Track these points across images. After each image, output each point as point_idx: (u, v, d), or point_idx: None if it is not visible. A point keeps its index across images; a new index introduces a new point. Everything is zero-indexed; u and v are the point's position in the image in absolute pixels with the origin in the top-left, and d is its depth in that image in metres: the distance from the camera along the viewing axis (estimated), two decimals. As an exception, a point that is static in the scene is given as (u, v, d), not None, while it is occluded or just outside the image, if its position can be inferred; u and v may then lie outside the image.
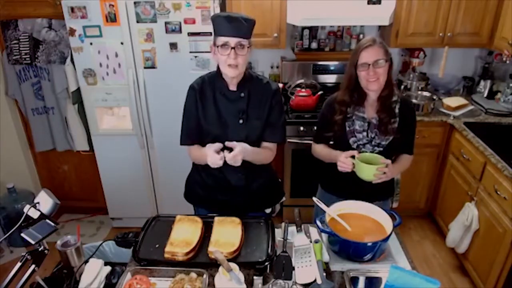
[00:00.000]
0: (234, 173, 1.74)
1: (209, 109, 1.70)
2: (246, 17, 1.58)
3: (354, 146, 1.80)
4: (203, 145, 1.69)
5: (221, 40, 1.56)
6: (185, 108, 1.76)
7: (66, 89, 2.89)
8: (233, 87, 1.69)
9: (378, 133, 1.78)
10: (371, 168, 1.65)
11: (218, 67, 1.68)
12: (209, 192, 1.85)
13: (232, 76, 1.63)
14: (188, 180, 1.95)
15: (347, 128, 1.80)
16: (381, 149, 1.79)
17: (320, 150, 1.92)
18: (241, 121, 1.69)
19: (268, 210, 1.92)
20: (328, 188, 2.01)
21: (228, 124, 1.70)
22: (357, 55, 1.69)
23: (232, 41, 1.55)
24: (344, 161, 1.70)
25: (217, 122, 1.70)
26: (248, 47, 1.59)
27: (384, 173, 1.66)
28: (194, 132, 1.75)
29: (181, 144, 1.79)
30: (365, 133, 1.79)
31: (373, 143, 1.79)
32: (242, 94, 1.69)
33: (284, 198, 2.00)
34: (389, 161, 1.69)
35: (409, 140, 1.87)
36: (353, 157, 1.69)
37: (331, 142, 1.92)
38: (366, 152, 1.77)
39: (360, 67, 1.69)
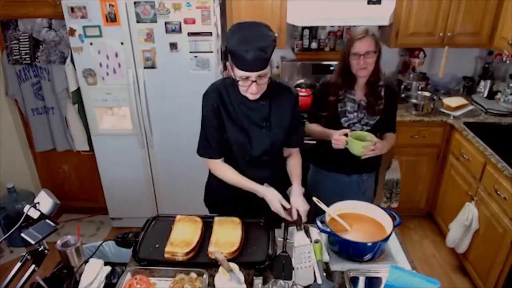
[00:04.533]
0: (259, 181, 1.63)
1: (229, 118, 1.61)
2: (266, 43, 1.39)
3: (345, 125, 1.99)
4: (227, 157, 1.69)
5: (241, 73, 1.44)
6: (203, 117, 1.64)
7: (66, 89, 2.89)
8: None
9: (366, 113, 1.99)
10: (361, 145, 1.84)
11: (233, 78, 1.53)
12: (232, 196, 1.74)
13: (252, 99, 1.56)
14: (208, 186, 1.89)
15: (339, 109, 1.99)
16: (369, 127, 1.99)
17: (314, 129, 2.09)
18: (264, 130, 1.62)
19: None
20: (320, 164, 2.20)
21: (251, 133, 1.63)
22: (351, 45, 1.85)
23: (253, 75, 1.43)
24: (338, 138, 1.88)
25: (239, 132, 1.62)
26: (269, 73, 1.48)
27: (373, 150, 1.85)
28: (214, 144, 1.65)
29: (199, 155, 1.70)
30: (355, 114, 1.99)
31: (362, 122, 2.00)
32: (263, 102, 1.60)
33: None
34: (377, 140, 1.89)
35: (392, 119, 2.09)
36: (345, 135, 1.87)
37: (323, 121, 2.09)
38: (356, 130, 1.96)
39: (352, 56, 1.86)
